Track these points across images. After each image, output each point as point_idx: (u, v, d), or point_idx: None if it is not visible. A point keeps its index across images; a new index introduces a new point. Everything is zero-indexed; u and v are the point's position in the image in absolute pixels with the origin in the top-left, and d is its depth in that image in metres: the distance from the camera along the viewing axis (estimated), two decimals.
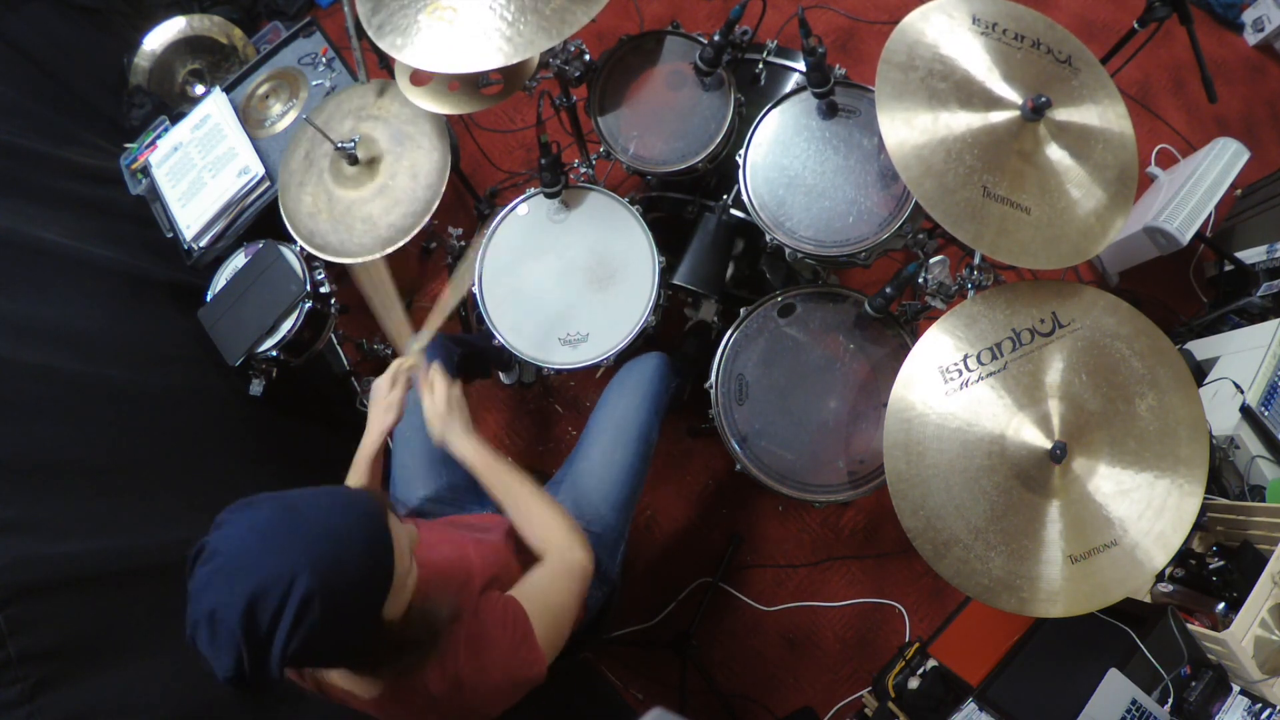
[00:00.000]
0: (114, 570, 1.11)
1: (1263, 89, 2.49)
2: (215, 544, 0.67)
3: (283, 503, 0.71)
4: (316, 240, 1.48)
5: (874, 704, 1.75)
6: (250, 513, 0.69)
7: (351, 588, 0.69)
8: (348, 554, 0.69)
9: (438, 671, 0.82)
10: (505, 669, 0.85)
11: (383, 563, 0.72)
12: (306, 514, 0.70)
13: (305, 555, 0.66)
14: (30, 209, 1.51)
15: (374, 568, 0.71)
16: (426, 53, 1.19)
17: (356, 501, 0.74)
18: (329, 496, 0.74)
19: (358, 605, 0.70)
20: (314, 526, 0.69)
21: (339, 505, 0.73)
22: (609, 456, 1.31)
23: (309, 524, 0.69)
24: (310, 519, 0.69)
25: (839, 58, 2.45)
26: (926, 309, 1.38)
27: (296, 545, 0.66)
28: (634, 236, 1.45)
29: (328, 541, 0.68)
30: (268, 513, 0.69)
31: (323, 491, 0.74)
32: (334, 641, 0.71)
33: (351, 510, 0.73)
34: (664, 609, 1.90)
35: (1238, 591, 1.35)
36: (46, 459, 1.16)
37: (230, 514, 0.70)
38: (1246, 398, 1.64)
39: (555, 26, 1.15)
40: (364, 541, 0.71)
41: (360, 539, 0.71)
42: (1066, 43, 1.19)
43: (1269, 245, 1.99)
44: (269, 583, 0.64)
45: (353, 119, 1.55)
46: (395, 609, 0.77)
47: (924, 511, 1.07)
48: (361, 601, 0.71)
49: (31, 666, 0.93)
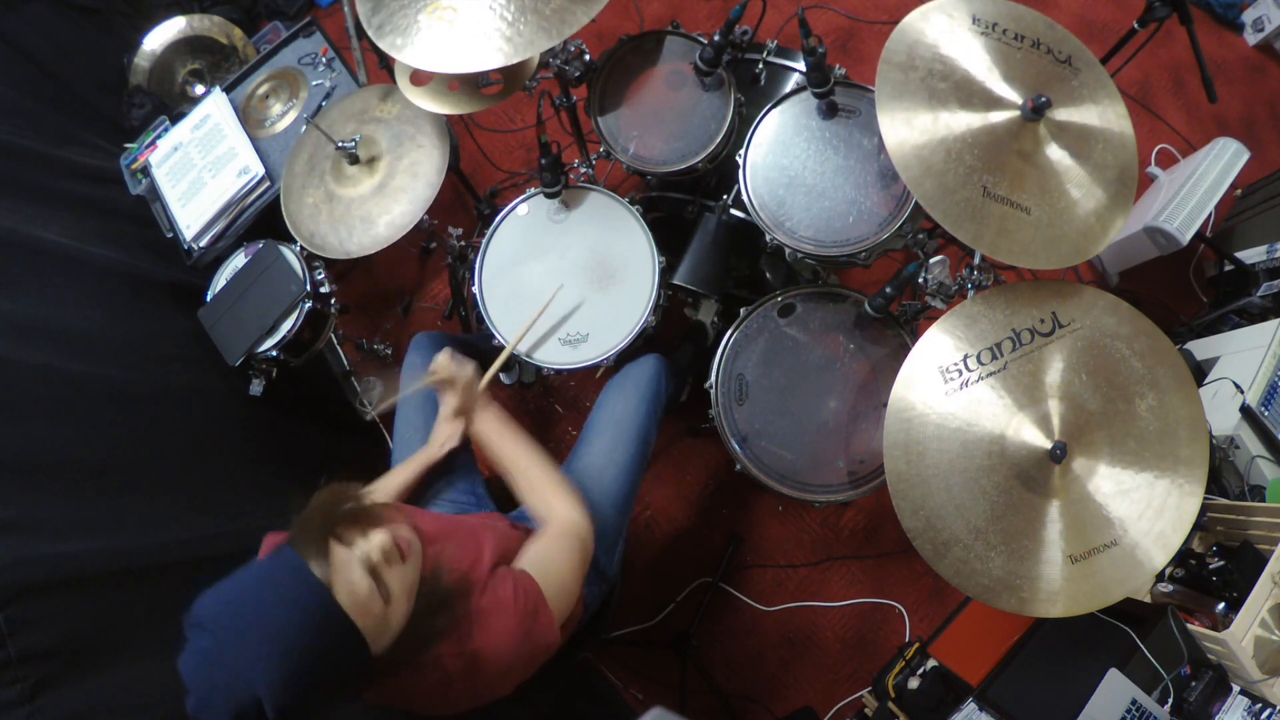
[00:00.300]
0: (114, 570, 1.11)
1: (1263, 89, 2.49)
2: (186, 675, 0.68)
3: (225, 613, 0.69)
4: (317, 240, 1.48)
5: (874, 704, 1.75)
6: (197, 632, 0.69)
7: (322, 674, 0.69)
8: (304, 656, 0.68)
9: (454, 648, 0.83)
10: (520, 640, 0.87)
11: (349, 644, 0.70)
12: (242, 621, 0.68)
13: (253, 667, 0.66)
14: (30, 209, 1.51)
15: (340, 650, 0.70)
16: (426, 53, 1.19)
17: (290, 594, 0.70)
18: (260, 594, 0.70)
19: (334, 681, 0.70)
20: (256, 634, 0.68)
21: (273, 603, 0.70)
22: (608, 456, 1.32)
23: (251, 633, 0.68)
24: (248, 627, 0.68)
25: (839, 58, 2.45)
26: (926, 309, 1.39)
27: (244, 658, 0.66)
28: (634, 236, 1.45)
29: (275, 649, 0.67)
30: (207, 622, 0.69)
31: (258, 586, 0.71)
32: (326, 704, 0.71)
33: (288, 602, 0.70)
34: (664, 609, 1.90)
35: (1238, 591, 1.35)
36: (46, 459, 1.16)
37: (187, 634, 0.69)
38: (1246, 398, 1.64)
39: (555, 26, 1.15)
40: (319, 644, 0.69)
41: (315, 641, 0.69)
42: (1066, 43, 1.19)
43: (1269, 245, 1.99)
44: (232, 700, 0.65)
45: (355, 122, 1.55)
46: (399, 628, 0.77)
47: (924, 511, 1.07)
48: (338, 675, 0.71)
49: (31, 666, 0.93)
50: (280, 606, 0.69)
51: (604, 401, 1.40)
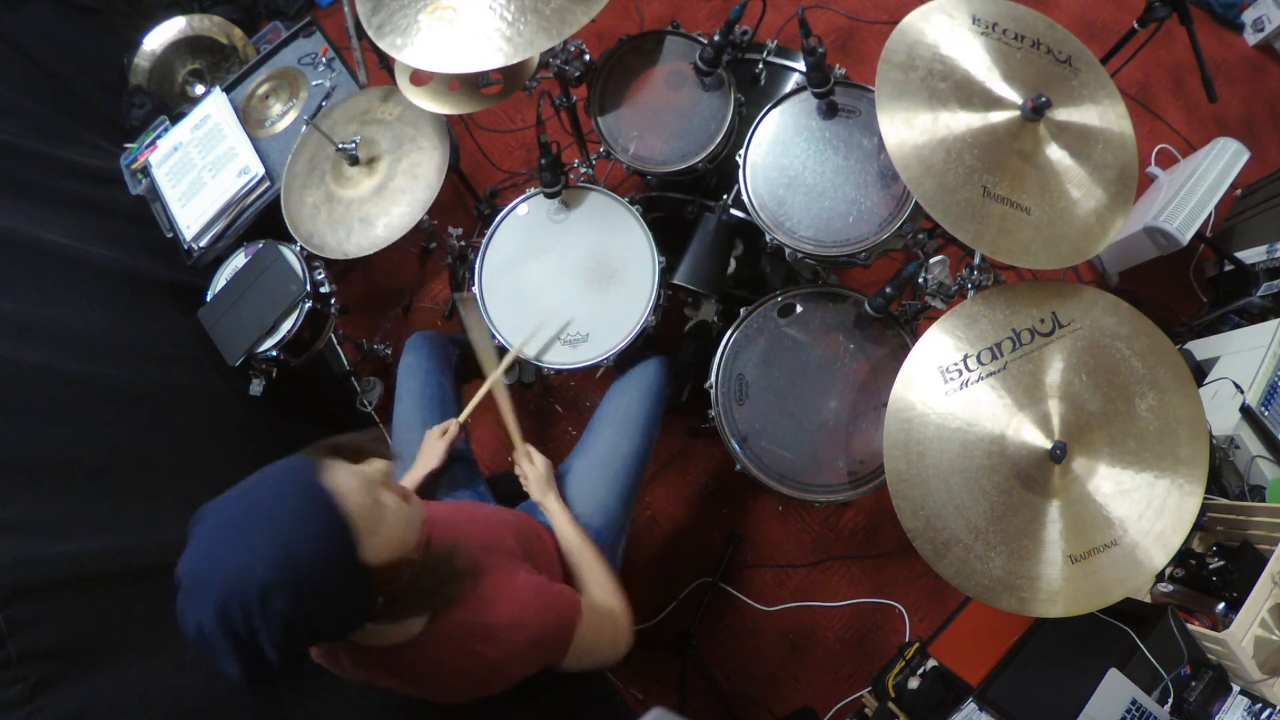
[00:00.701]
0: (114, 570, 1.11)
1: (1263, 89, 2.49)
2: (181, 567, 0.69)
3: (224, 506, 0.71)
4: (316, 241, 1.49)
5: (874, 704, 1.75)
6: (199, 527, 0.70)
7: (312, 562, 0.68)
8: (294, 531, 0.68)
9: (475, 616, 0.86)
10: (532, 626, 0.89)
11: (333, 524, 0.70)
12: (245, 510, 0.70)
13: (251, 551, 0.66)
14: (30, 209, 1.51)
15: (327, 532, 0.70)
16: (426, 53, 1.19)
17: (289, 476, 0.73)
18: (263, 482, 0.73)
19: (325, 576, 0.69)
20: (253, 518, 0.69)
21: (273, 486, 0.72)
22: (614, 448, 1.35)
23: (249, 519, 0.69)
24: (249, 513, 0.70)
25: (839, 58, 2.45)
26: (926, 309, 1.39)
27: (241, 544, 0.67)
28: (634, 236, 1.45)
29: (269, 527, 0.68)
30: (211, 521, 0.70)
31: (261, 478, 0.73)
32: (321, 616, 0.71)
33: (286, 486, 0.72)
34: (664, 609, 1.90)
35: (1238, 591, 1.35)
36: (46, 459, 1.16)
37: (190, 531, 0.71)
38: (1246, 398, 1.64)
39: (555, 26, 1.15)
40: (309, 514, 0.70)
41: (304, 513, 0.70)
42: (1066, 43, 1.19)
43: (1269, 245, 1.99)
44: (228, 588, 0.65)
45: (356, 124, 1.56)
46: (394, 551, 0.77)
47: (924, 511, 1.07)
48: (329, 570, 0.70)
49: (31, 666, 0.93)
50: (284, 500, 0.70)
51: (610, 398, 1.43)
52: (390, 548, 0.76)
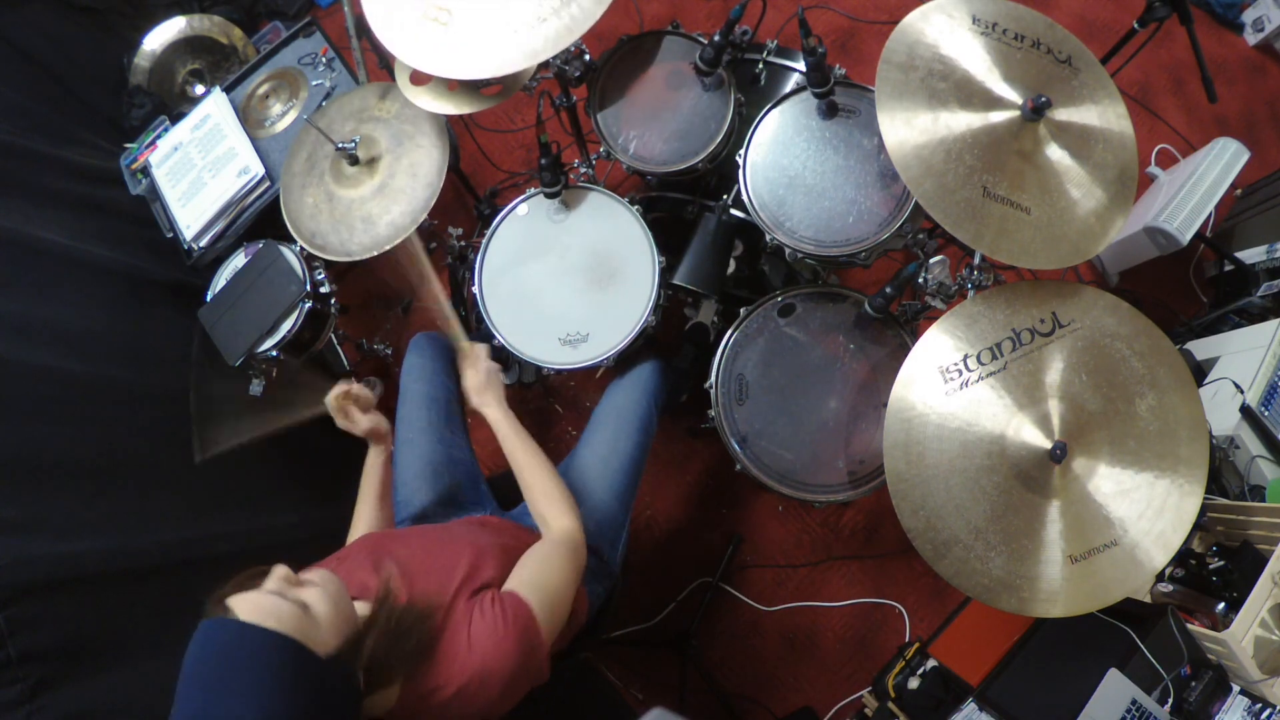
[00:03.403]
0: (114, 570, 1.11)
1: (1263, 89, 2.50)
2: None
3: (185, 706, 0.70)
4: (317, 241, 1.48)
5: (874, 704, 1.75)
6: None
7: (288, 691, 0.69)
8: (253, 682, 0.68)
9: (440, 677, 0.83)
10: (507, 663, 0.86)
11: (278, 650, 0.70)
12: (202, 702, 0.69)
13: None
14: (30, 209, 1.51)
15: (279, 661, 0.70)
16: (426, 54, 1.19)
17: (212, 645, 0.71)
18: (198, 669, 0.71)
19: (305, 693, 0.70)
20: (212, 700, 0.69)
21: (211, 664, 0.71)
22: (613, 446, 1.35)
23: (209, 708, 0.68)
24: (205, 703, 0.69)
25: (839, 58, 2.45)
26: (926, 309, 1.39)
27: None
28: (634, 236, 1.45)
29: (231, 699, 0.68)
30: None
31: (190, 668, 0.71)
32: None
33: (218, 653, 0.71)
34: (664, 609, 1.90)
35: (1238, 591, 1.36)
36: (46, 459, 1.16)
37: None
38: (1246, 398, 1.64)
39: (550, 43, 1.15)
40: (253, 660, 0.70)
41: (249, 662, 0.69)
42: (1066, 43, 1.19)
43: (1269, 245, 1.99)
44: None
45: (354, 121, 1.55)
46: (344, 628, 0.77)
47: (924, 511, 1.08)
48: (304, 686, 0.70)
49: (31, 666, 0.93)
50: (219, 663, 0.70)
51: (607, 396, 1.43)
52: (336, 630, 0.76)
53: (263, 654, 0.70)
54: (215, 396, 1.50)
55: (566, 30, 1.16)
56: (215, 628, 0.72)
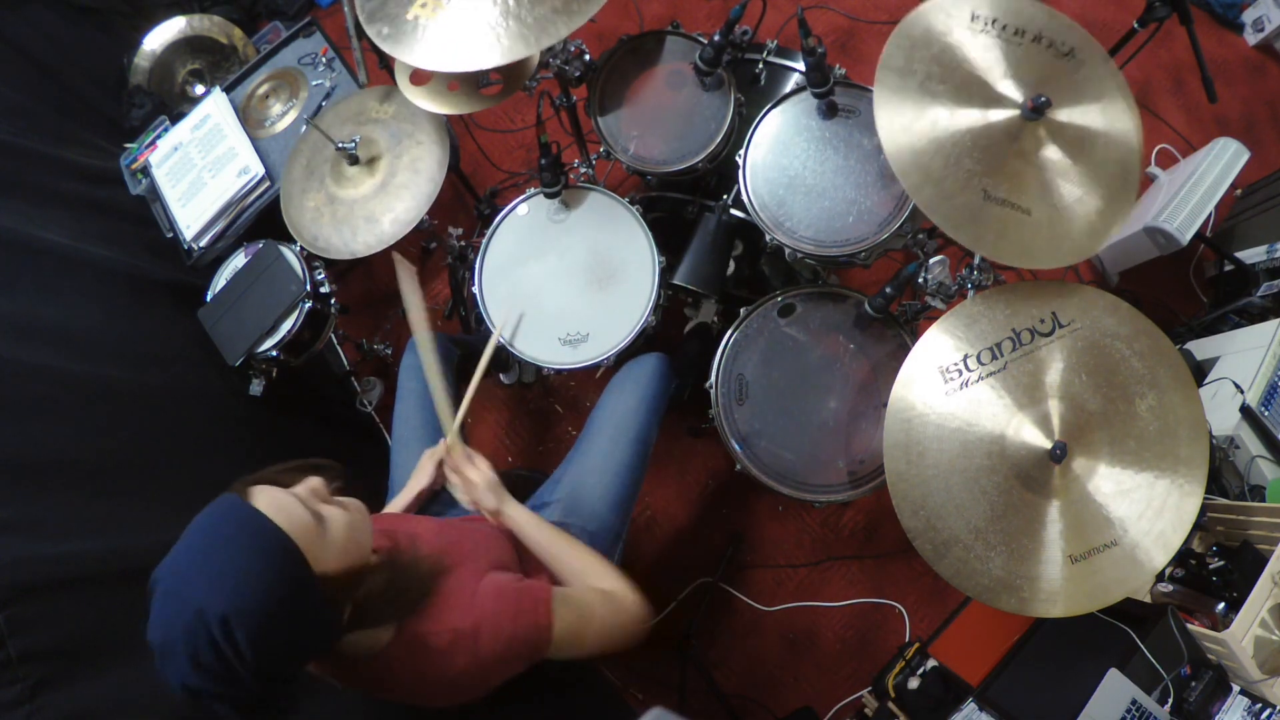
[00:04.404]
0: (114, 570, 1.10)
1: (1263, 89, 2.49)
2: (149, 635, 0.70)
3: (168, 564, 0.72)
4: (320, 243, 1.48)
5: (874, 704, 1.75)
6: (155, 591, 0.72)
7: (261, 584, 0.69)
8: (233, 560, 0.70)
9: (438, 622, 0.85)
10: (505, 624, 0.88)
11: (273, 543, 0.72)
12: (187, 559, 0.72)
13: (201, 592, 0.68)
14: (30, 209, 1.51)
15: (267, 550, 0.71)
16: (425, 52, 1.19)
17: (217, 513, 0.74)
18: (196, 529, 0.74)
19: (280, 595, 0.71)
20: (195, 562, 0.71)
21: (206, 528, 0.73)
22: (608, 456, 1.32)
23: (191, 565, 0.71)
24: (190, 560, 0.71)
25: (839, 58, 2.45)
26: (926, 309, 1.38)
27: (190, 590, 0.69)
28: (634, 236, 1.45)
29: (211, 565, 0.70)
30: (162, 583, 0.72)
31: (193, 526, 0.74)
32: (290, 635, 0.72)
33: (217, 522, 0.73)
34: (664, 609, 1.90)
35: (1238, 591, 1.35)
36: (46, 459, 1.16)
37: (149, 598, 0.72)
38: (1246, 398, 1.64)
39: (535, 35, 1.14)
40: (244, 540, 0.71)
41: (240, 540, 0.71)
42: (1069, 34, 1.16)
43: (1269, 245, 1.99)
44: (192, 636, 0.67)
45: (352, 124, 1.55)
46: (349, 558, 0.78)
47: (924, 511, 1.08)
48: (281, 588, 0.71)
49: (31, 666, 0.93)
50: (217, 534, 0.72)
51: (604, 401, 1.40)
52: (342, 555, 0.77)
53: (259, 544, 0.71)
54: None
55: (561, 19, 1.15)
56: (229, 505, 0.74)
